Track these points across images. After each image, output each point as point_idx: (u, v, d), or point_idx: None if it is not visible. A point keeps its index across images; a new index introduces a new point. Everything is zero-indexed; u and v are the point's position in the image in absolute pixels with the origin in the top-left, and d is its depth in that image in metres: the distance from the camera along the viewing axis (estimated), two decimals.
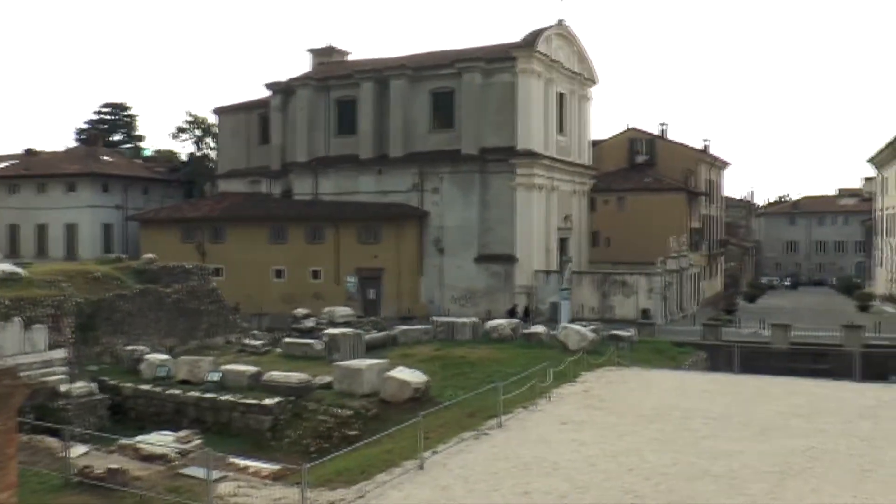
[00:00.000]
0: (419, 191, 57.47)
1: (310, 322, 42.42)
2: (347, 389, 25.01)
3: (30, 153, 78.14)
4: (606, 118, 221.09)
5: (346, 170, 61.00)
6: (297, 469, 14.96)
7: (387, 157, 59.36)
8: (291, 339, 35.70)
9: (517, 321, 40.24)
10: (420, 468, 16.64)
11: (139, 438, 19.32)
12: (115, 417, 26.59)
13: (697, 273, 68.26)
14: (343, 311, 43.64)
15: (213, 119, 76.44)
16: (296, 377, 26.11)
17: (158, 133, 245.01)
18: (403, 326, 40.12)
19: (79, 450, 17.89)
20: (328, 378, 26.25)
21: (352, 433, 22.37)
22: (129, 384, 28.15)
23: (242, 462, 18.39)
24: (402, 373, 25.03)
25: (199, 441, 20.16)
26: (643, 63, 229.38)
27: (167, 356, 30.56)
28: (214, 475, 15.38)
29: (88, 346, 32.18)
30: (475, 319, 39.60)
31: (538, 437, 19.29)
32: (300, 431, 23.56)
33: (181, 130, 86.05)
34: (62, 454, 17.24)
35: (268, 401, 24.74)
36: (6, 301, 28.21)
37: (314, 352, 32.91)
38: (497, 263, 55.08)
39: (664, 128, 79.89)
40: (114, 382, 28.34)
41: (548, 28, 57.55)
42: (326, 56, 70.35)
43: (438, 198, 56.80)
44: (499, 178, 55.29)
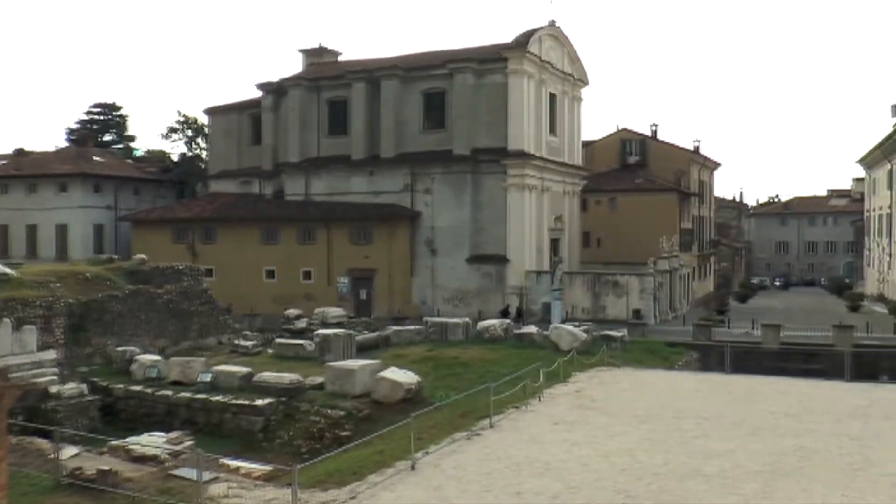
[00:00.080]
0: (411, 191, 57.47)
1: (302, 323, 42.40)
2: (339, 390, 25.00)
3: (20, 153, 77.70)
4: (598, 119, 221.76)
5: (338, 170, 60.96)
6: (289, 470, 14.93)
7: (378, 158, 59.34)
8: (283, 340, 35.68)
9: (509, 321, 40.27)
10: (412, 469, 16.63)
11: (130, 440, 19.27)
12: (107, 419, 26.51)
13: (689, 273, 68.43)
14: (335, 312, 43.62)
15: (205, 119, 76.33)
16: (287, 378, 26.07)
17: (150, 133, 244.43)
18: (395, 327, 40.11)
19: (70, 451, 17.83)
20: (320, 379, 26.25)
21: (344, 434, 22.36)
22: (121, 385, 28.09)
23: (234, 463, 18.34)
24: (395, 373, 25.02)
25: (191, 442, 20.12)
26: (634, 64, 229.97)
27: (158, 357, 30.51)
28: (206, 476, 15.36)
29: (79, 347, 32.10)
30: (467, 320, 39.62)
31: (530, 438, 19.30)
32: (292, 432, 23.54)
33: (172, 131, 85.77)
34: (53, 456, 17.18)
35: (259, 402, 24.71)
36: None
37: (306, 352, 32.90)
38: (489, 264, 55.13)
39: (655, 128, 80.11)
40: (105, 383, 28.29)
41: (539, 29, 57.65)
42: (318, 56, 70.35)
43: (430, 198, 56.81)
44: (490, 179, 55.35)
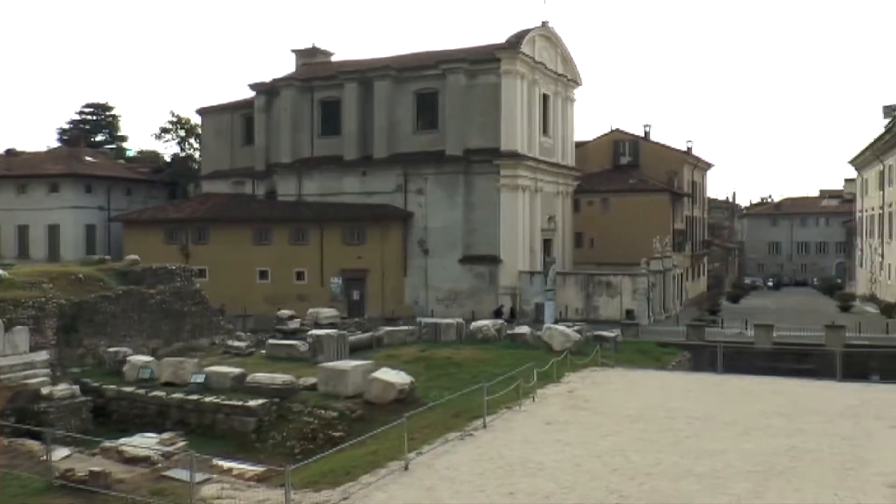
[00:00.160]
0: (403, 192, 57.48)
1: (294, 323, 42.26)
2: (332, 391, 24.94)
3: (11, 153, 77.30)
4: (590, 120, 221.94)
5: (331, 171, 60.90)
6: (282, 471, 14.89)
7: (371, 158, 59.32)
8: (276, 341, 35.57)
9: (502, 322, 40.28)
10: (405, 469, 16.61)
11: (122, 441, 19.18)
12: (98, 420, 26.34)
13: (681, 274, 68.63)
14: (327, 313, 43.52)
15: (197, 119, 76.08)
16: (280, 379, 25.98)
17: (142, 133, 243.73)
18: (388, 327, 40.07)
19: (61, 452, 17.74)
20: (313, 379, 26.18)
21: (336, 434, 22.31)
22: (113, 386, 27.94)
23: (226, 464, 18.30)
24: (387, 374, 24.97)
25: (183, 443, 20.06)
26: (627, 64, 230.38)
27: (151, 358, 30.38)
28: (198, 477, 15.30)
29: (71, 348, 31.97)
30: (460, 320, 39.59)
31: (523, 438, 19.30)
32: (285, 433, 23.48)
33: (164, 131, 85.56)
34: (44, 457, 17.10)
35: (252, 402, 24.62)
36: None
37: (299, 353, 32.81)
38: (481, 264, 55.16)
39: (648, 129, 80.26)
40: (97, 384, 28.14)
41: (532, 29, 57.71)
42: (310, 56, 70.24)
43: (423, 199, 56.82)
44: (483, 179, 55.38)
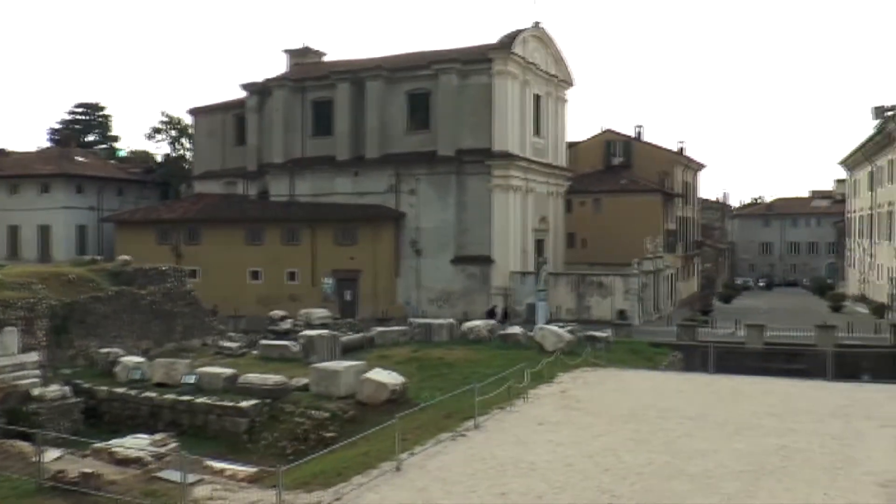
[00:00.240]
0: (395, 192, 57.44)
1: (286, 324, 42.24)
2: (324, 391, 24.92)
3: (1, 154, 77.06)
4: (582, 120, 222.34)
5: (323, 171, 60.83)
6: (274, 471, 14.89)
7: (363, 159, 59.27)
8: (268, 341, 35.52)
9: (494, 322, 40.30)
10: (397, 470, 16.60)
11: (114, 442, 19.10)
12: (90, 421, 26.28)
13: (673, 274, 68.75)
14: (320, 313, 43.48)
15: (189, 120, 75.99)
16: (272, 379, 25.96)
17: (133, 134, 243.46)
18: (380, 328, 40.07)
19: (52, 454, 17.67)
20: (305, 380, 26.15)
21: (329, 435, 22.29)
22: (104, 387, 27.86)
23: (218, 465, 18.26)
24: (379, 374, 24.97)
25: (175, 444, 19.99)
26: (619, 65, 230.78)
27: (142, 359, 30.31)
28: (190, 478, 15.27)
29: (62, 349, 31.84)
30: (452, 321, 39.58)
31: (515, 438, 19.31)
32: (277, 434, 23.47)
33: (156, 131, 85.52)
34: (35, 459, 17.01)
35: (244, 403, 24.60)
36: None
37: (291, 354, 32.78)
38: (474, 265, 55.17)
39: (640, 130, 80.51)
40: (88, 385, 28.06)
41: (524, 30, 57.74)
42: (302, 57, 70.13)
43: (415, 199, 56.81)
44: (475, 180, 55.38)
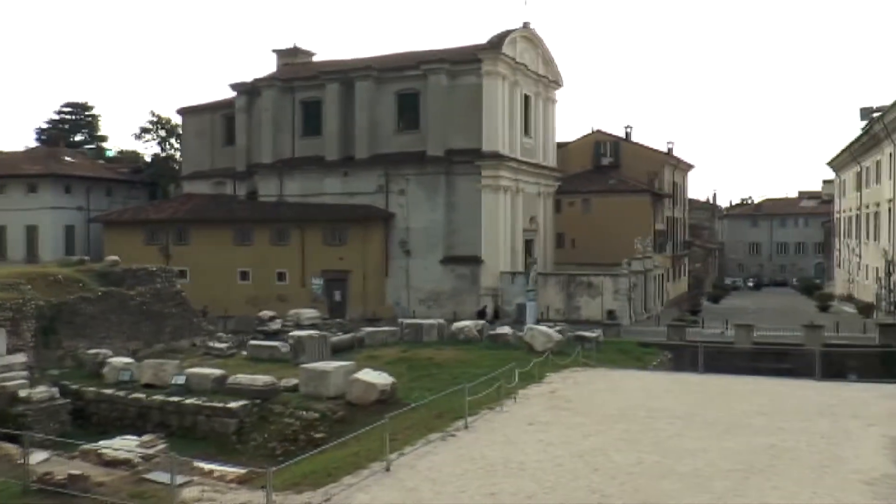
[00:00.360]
0: (385, 192, 57.40)
1: (275, 324, 42.18)
2: (313, 392, 24.87)
3: None
4: (572, 121, 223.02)
5: (312, 171, 60.74)
6: (263, 472, 14.83)
7: (352, 159, 59.20)
8: (257, 342, 35.48)
9: (484, 322, 40.34)
10: (387, 470, 16.57)
11: (102, 443, 18.99)
12: (77, 422, 26.16)
13: (662, 274, 68.88)
14: (309, 314, 43.43)
15: (178, 119, 75.78)
16: (261, 380, 25.89)
17: (122, 133, 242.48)
18: (370, 328, 40.05)
19: (39, 456, 17.55)
20: (294, 381, 26.11)
21: (318, 436, 22.25)
22: (92, 388, 27.75)
23: (207, 466, 18.19)
24: (369, 375, 24.92)
25: (164, 445, 19.90)
26: (609, 66, 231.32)
27: (131, 360, 30.21)
28: (179, 480, 15.20)
29: (49, 350, 31.69)
30: (441, 321, 39.61)
31: (505, 438, 19.30)
32: (266, 434, 23.40)
33: (145, 131, 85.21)
34: (21, 461, 16.89)
35: (233, 404, 24.53)
36: None
37: (280, 354, 32.73)
38: (463, 265, 55.17)
39: (629, 130, 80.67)
40: (76, 387, 27.94)
41: (513, 31, 57.80)
42: (291, 57, 70.01)
43: (404, 199, 56.79)
44: (464, 180, 55.40)
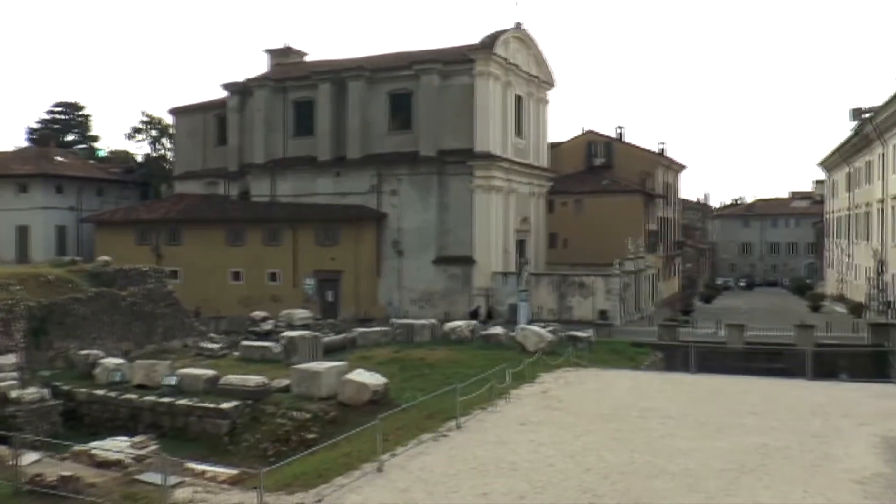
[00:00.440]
0: (377, 192, 57.40)
1: (268, 325, 42.08)
2: (306, 392, 24.85)
3: None
4: (564, 121, 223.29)
5: (304, 171, 60.69)
6: (255, 473, 14.82)
7: (345, 159, 59.17)
8: (249, 343, 35.38)
9: (476, 323, 40.35)
10: (379, 471, 16.56)
11: (93, 444, 18.94)
12: (69, 424, 26.07)
13: (654, 274, 69.05)
14: (301, 314, 43.35)
15: (170, 119, 75.62)
16: (253, 381, 25.85)
17: (113, 133, 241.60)
18: (362, 329, 40.01)
19: (30, 457, 17.50)
20: (286, 381, 26.08)
21: (310, 436, 22.23)
22: (83, 389, 27.68)
23: (199, 467, 18.14)
24: (361, 375, 24.90)
25: (156, 446, 19.88)
26: (601, 67, 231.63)
27: (122, 360, 30.12)
28: (171, 481, 15.18)
29: (41, 351, 31.57)
30: (434, 321, 39.59)
31: (497, 438, 19.31)
32: (258, 435, 23.38)
33: (137, 131, 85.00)
34: (12, 462, 16.83)
35: (225, 405, 24.50)
36: None
37: (272, 355, 32.66)
38: (455, 265, 55.18)
39: (621, 131, 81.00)
40: (67, 388, 27.86)
41: (506, 31, 57.84)
42: (284, 57, 69.98)
43: (397, 199, 56.79)
44: (457, 180, 55.42)
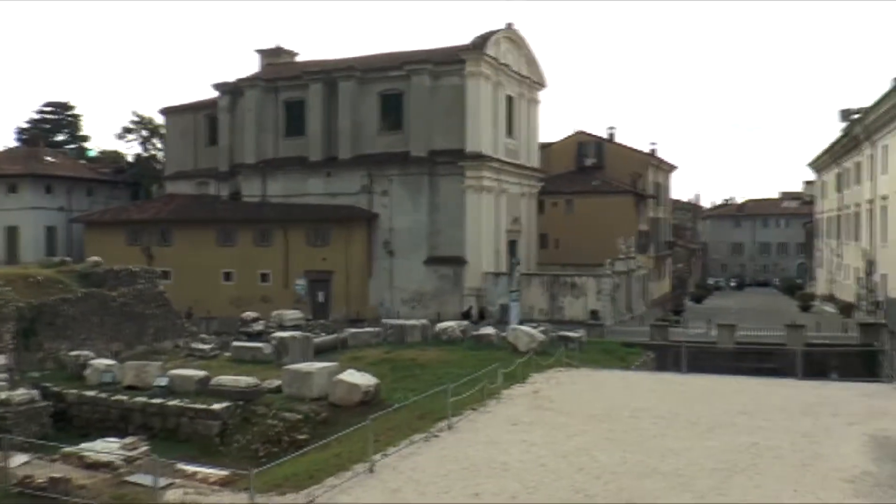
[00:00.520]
0: (368, 193, 57.36)
1: (259, 325, 41.98)
2: (297, 393, 24.81)
3: None
4: (555, 121, 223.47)
5: (295, 172, 60.59)
6: (246, 474, 14.79)
7: (336, 159, 59.11)
8: (240, 343, 35.30)
9: (467, 323, 40.36)
10: (370, 472, 16.54)
11: (83, 446, 18.87)
12: (59, 425, 25.92)
13: (645, 274, 69.16)
14: (292, 315, 43.28)
15: (160, 119, 75.34)
16: (244, 381, 25.80)
17: (104, 133, 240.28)
18: (353, 329, 39.97)
19: (19, 459, 17.44)
20: (277, 382, 26.02)
21: (301, 437, 22.18)
22: (74, 390, 27.57)
23: (190, 468, 18.09)
24: (352, 376, 24.86)
25: (146, 448, 19.80)
26: (592, 67, 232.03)
27: (113, 361, 29.99)
28: (161, 482, 15.15)
29: (30, 352, 31.47)
30: (425, 321, 39.54)
31: (488, 439, 19.30)
32: (249, 436, 23.32)
33: (127, 131, 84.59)
34: (1, 464, 16.78)
35: (216, 406, 24.45)
36: None
37: (263, 355, 32.59)
38: (446, 265, 55.18)
39: (612, 131, 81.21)
40: (57, 389, 27.74)
41: (497, 31, 57.87)
42: (275, 57, 69.83)
43: (388, 200, 56.75)
44: (448, 181, 55.42)
